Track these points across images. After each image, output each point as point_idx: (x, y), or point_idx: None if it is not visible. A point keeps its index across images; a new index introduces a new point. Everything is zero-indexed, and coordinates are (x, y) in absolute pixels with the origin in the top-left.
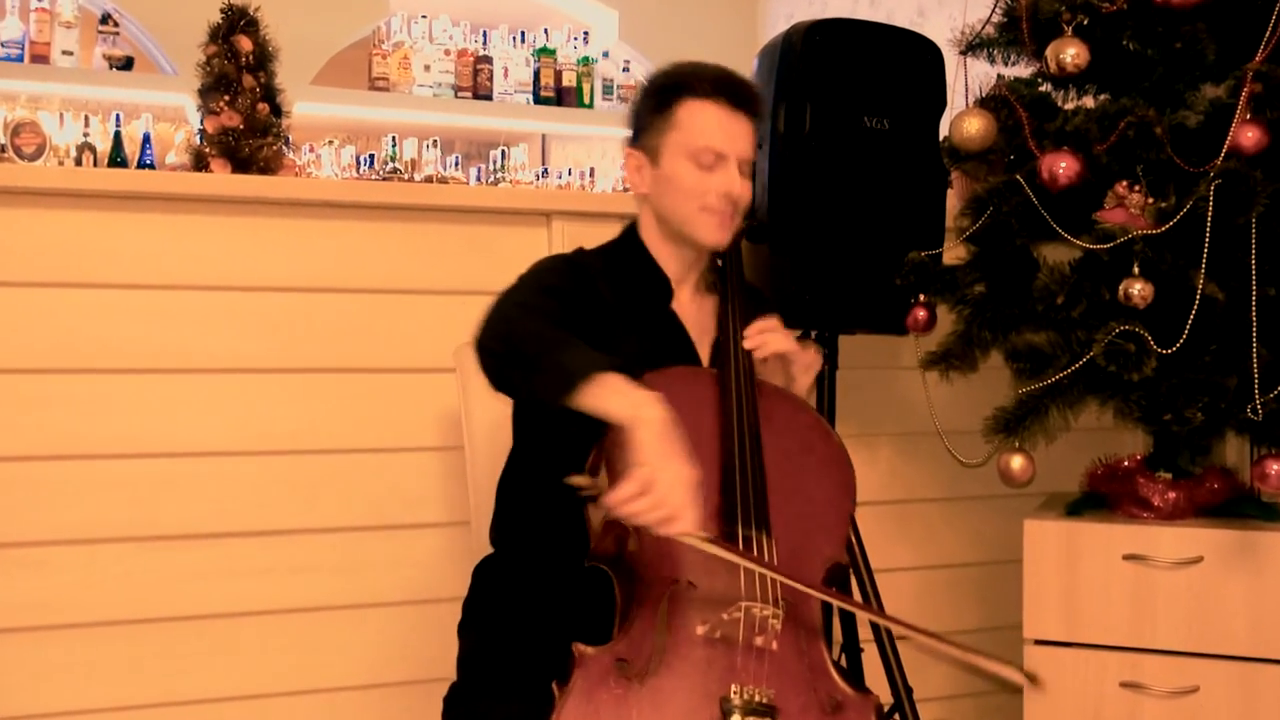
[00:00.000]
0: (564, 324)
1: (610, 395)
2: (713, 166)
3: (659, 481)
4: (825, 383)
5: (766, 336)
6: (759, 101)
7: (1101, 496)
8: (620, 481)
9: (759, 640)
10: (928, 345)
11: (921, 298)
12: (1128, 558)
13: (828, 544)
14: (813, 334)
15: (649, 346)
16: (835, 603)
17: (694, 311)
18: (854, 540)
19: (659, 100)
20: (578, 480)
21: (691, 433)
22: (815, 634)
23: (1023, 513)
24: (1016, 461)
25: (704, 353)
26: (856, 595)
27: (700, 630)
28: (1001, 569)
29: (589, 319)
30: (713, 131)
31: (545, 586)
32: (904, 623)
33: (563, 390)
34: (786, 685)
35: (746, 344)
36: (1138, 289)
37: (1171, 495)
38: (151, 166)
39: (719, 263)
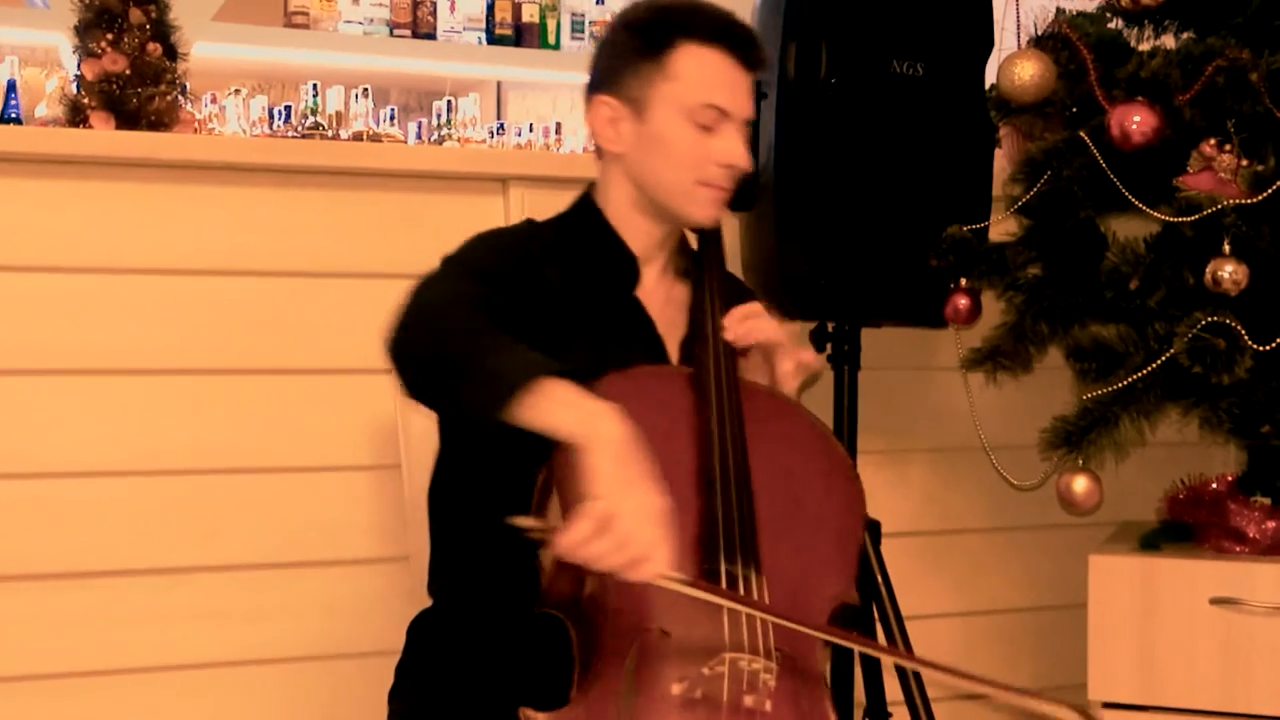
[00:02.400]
0: (499, 317)
1: (556, 408)
2: (712, 127)
3: (620, 516)
4: (845, 388)
5: (750, 324)
6: (763, 52)
7: (1184, 527)
8: (572, 519)
9: (749, 700)
10: (971, 341)
11: (963, 282)
12: (1216, 601)
13: (834, 580)
14: (829, 327)
15: (606, 342)
16: (846, 644)
17: (660, 300)
18: (880, 580)
19: (648, 39)
20: (523, 522)
21: (664, 448)
22: (819, 691)
23: (1088, 547)
24: (1080, 484)
25: (673, 349)
26: (882, 642)
27: (676, 689)
28: (1061, 615)
29: (531, 310)
30: (718, 85)
31: (490, 639)
32: (933, 664)
33: (496, 402)
34: None
35: (727, 334)
36: (1229, 271)
37: (1270, 525)
38: (17, 121)
39: (696, 243)
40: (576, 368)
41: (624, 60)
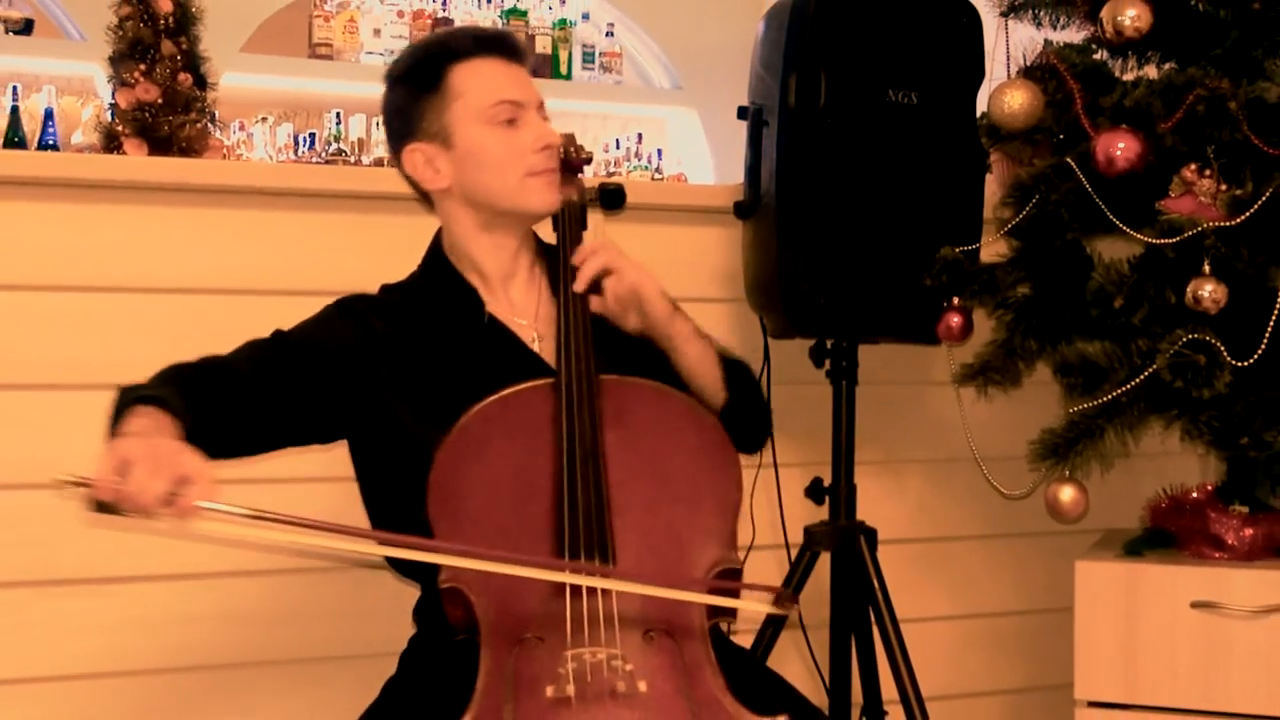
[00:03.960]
0: (282, 374)
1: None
2: (515, 120)
3: (130, 450)
4: (844, 401)
5: (583, 269)
6: (518, 42)
7: (1166, 534)
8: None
9: (619, 686)
10: (963, 356)
11: (955, 301)
12: (1197, 605)
13: (710, 547)
14: (828, 343)
15: (474, 368)
16: (660, 593)
17: (532, 305)
18: (876, 584)
19: (422, 79)
20: (66, 478)
21: (526, 461)
22: (701, 662)
23: (1074, 553)
24: (1067, 493)
25: (548, 350)
26: (879, 647)
27: (550, 692)
28: (1049, 618)
29: (362, 356)
30: (498, 83)
31: (438, 668)
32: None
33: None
34: None
35: (577, 286)
36: (1209, 290)
37: (1248, 532)
38: (55, 147)
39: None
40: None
41: (412, 107)
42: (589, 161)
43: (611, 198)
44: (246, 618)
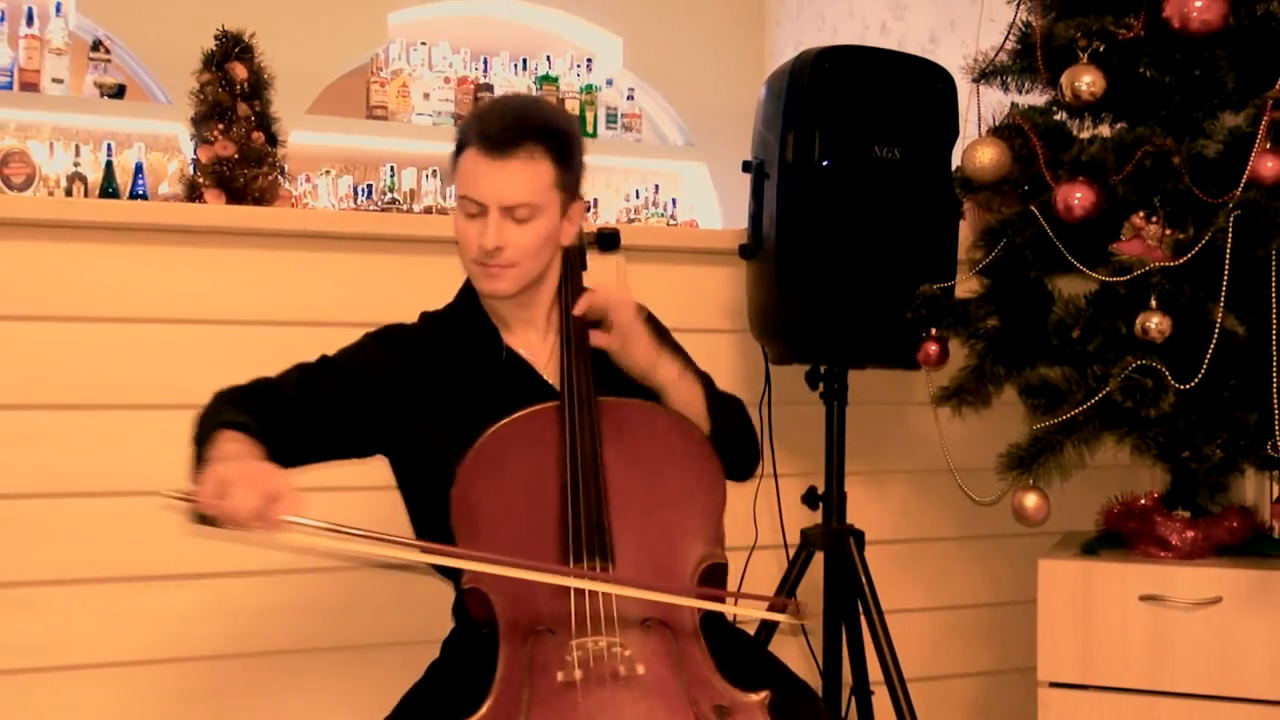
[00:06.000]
0: (311, 401)
1: (211, 449)
2: (475, 215)
3: (230, 472)
4: (835, 419)
5: (584, 300)
6: (530, 135)
7: (1118, 535)
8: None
9: (621, 670)
10: (940, 380)
11: (933, 331)
12: (1144, 598)
13: (696, 545)
14: (821, 368)
15: (493, 391)
16: (647, 595)
17: (547, 342)
18: (863, 579)
19: (455, 152)
20: (170, 494)
21: (535, 475)
22: (691, 647)
23: (1037, 552)
24: (1031, 500)
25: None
26: (866, 635)
27: (560, 676)
28: (1015, 610)
29: (395, 381)
30: (471, 180)
31: (468, 659)
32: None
33: (195, 456)
34: (656, 710)
35: (575, 310)
36: (1155, 322)
37: (1189, 534)
38: (144, 197)
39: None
40: (244, 421)
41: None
42: (605, 236)
43: (607, 240)
44: (309, 609)
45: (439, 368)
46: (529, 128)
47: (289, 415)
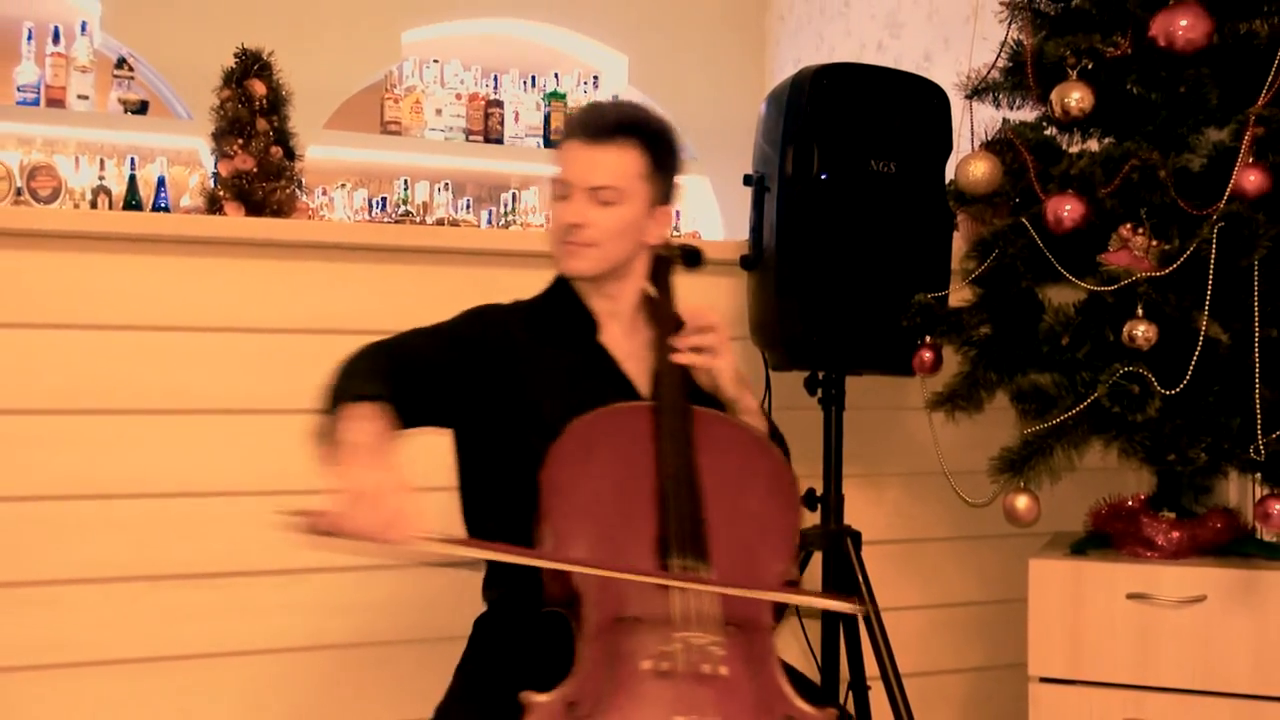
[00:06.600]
0: (438, 364)
1: (342, 422)
2: (565, 197)
3: (358, 492)
4: (833, 424)
5: (693, 350)
6: (626, 130)
7: (1105, 536)
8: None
9: (705, 668)
10: (934, 386)
11: (928, 339)
12: (1132, 596)
13: (776, 561)
14: (820, 375)
15: (577, 381)
16: (754, 595)
17: (632, 345)
18: (861, 578)
19: (558, 145)
20: (288, 514)
21: (627, 468)
22: (767, 655)
23: (1028, 552)
24: (1022, 501)
25: (643, 384)
26: (863, 633)
27: (646, 665)
28: (1007, 607)
29: (499, 361)
30: (564, 163)
31: (518, 636)
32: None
33: (324, 413)
34: (736, 711)
35: (677, 357)
36: (1141, 330)
37: (1175, 535)
38: (166, 209)
39: (650, 293)
40: (379, 393)
41: None
42: (689, 253)
43: (691, 257)
44: (330, 606)
45: (535, 349)
46: (627, 123)
47: (420, 379)
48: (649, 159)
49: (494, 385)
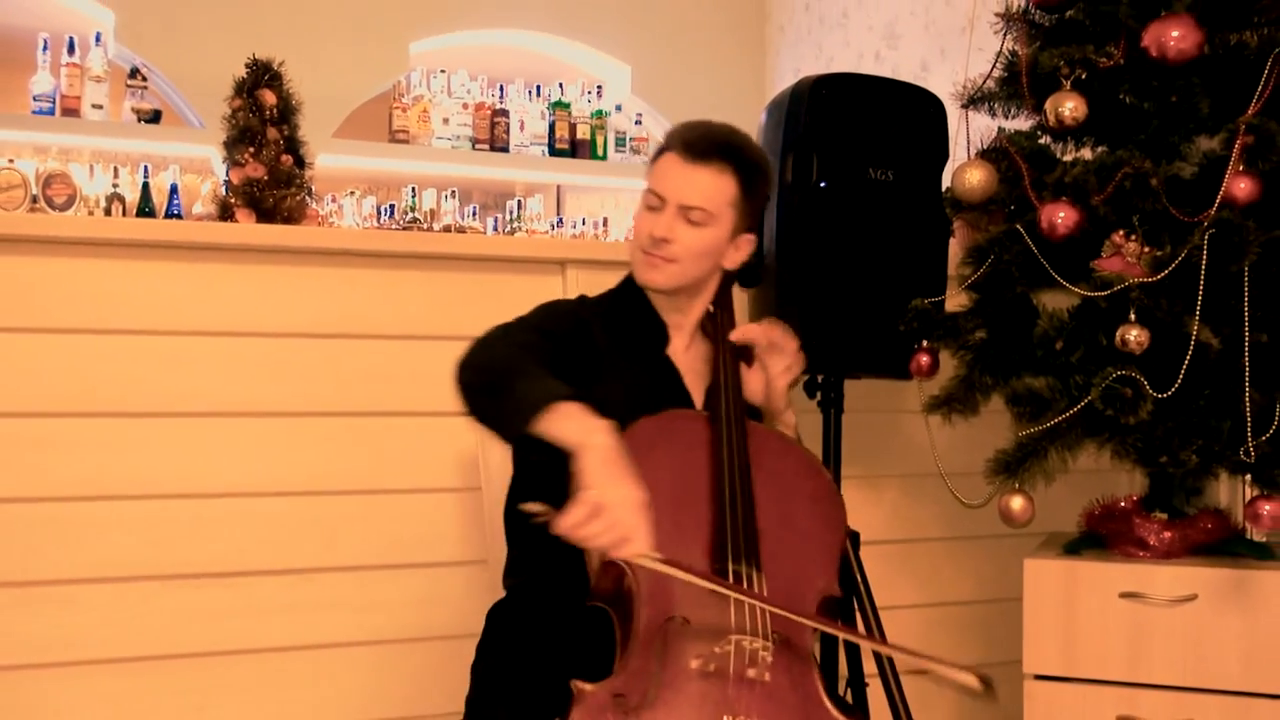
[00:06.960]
0: (551, 363)
1: (564, 421)
2: (655, 209)
3: (607, 504)
4: (832, 426)
5: (744, 328)
6: (725, 154)
7: (1099, 536)
8: (569, 505)
9: (751, 672)
10: (931, 390)
11: (924, 343)
12: (1124, 595)
13: (820, 576)
14: (819, 378)
15: (643, 390)
16: (813, 625)
17: (691, 358)
18: (859, 577)
19: (654, 155)
20: (531, 507)
21: (684, 471)
22: (809, 665)
23: (1023, 552)
24: (1017, 502)
25: (698, 397)
26: (861, 629)
27: (694, 664)
28: (1002, 606)
29: (581, 362)
30: (661, 176)
31: (550, 627)
32: (885, 645)
33: (524, 418)
34: (778, 716)
35: (732, 335)
36: (1134, 335)
37: (1167, 535)
38: (179, 216)
39: (712, 309)
40: (585, 394)
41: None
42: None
43: (749, 275)
44: (336, 605)
45: (614, 354)
46: (727, 147)
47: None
48: (742, 186)
49: (578, 384)
